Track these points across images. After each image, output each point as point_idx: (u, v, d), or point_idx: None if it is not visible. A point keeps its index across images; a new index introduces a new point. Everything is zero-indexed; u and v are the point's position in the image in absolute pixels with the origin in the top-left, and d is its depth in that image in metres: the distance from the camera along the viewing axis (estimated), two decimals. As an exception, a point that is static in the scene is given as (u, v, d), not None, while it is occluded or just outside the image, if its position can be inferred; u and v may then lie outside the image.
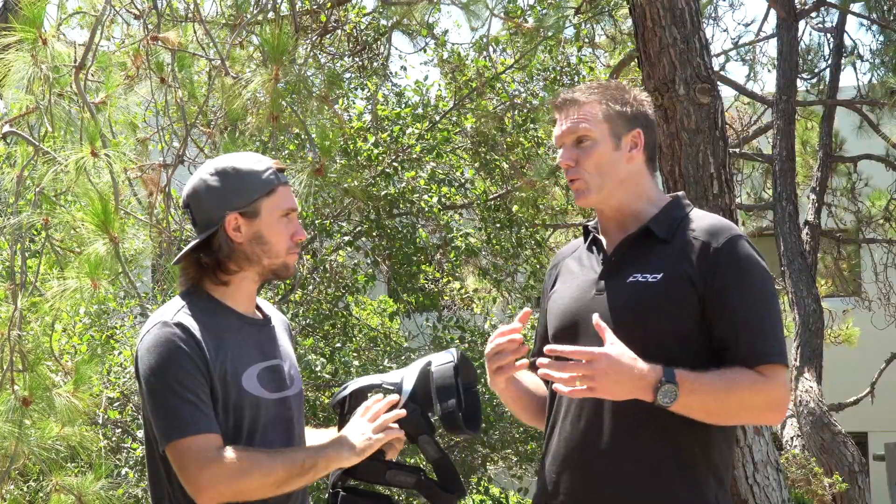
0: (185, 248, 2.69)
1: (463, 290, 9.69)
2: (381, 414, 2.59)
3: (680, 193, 2.83)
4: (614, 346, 2.48)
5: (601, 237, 2.80)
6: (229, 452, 2.48)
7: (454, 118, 8.96)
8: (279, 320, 2.81)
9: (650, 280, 2.63)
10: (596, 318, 2.52)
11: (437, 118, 8.82)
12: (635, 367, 2.47)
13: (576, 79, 9.42)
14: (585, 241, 2.84)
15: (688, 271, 2.61)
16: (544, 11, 8.69)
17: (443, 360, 2.62)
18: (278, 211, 2.65)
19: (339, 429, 2.66)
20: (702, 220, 2.72)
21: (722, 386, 2.51)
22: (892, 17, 11.24)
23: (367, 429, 2.56)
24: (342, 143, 8.37)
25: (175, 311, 2.58)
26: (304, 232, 2.72)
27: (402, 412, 2.57)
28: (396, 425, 2.60)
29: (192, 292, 2.65)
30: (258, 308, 2.76)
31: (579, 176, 2.71)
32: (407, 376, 2.63)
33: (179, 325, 2.54)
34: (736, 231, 2.67)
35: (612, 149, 2.72)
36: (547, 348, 2.52)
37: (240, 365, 2.59)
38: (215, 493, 2.46)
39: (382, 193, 8.44)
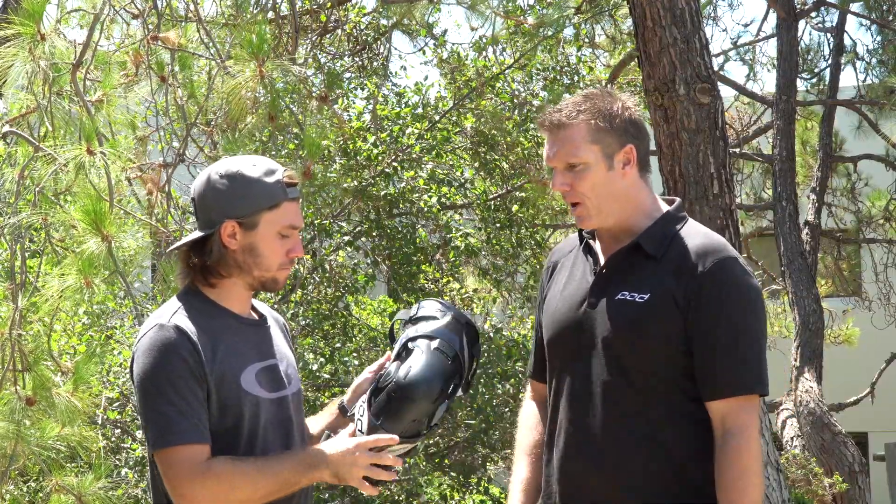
0: (180, 242, 2.69)
1: (463, 290, 9.69)
2: (377, 450, 2.55)
3: (676, 203, 2.77)
4: None
5: (595, 243, 2.77)
6: (218, 465, 2.49)
7: (454, 118, 8.95)
8: (275, 320, 2.80)
9: (637, 300, 2.60)
10: None
11: (437, 118, 8.82)
12: None
13: (576, 79, 9.42)
14: (580, 244, 2.81)
15: (674, 293, 2.58)
16: (544, 11, 8.69)
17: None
18: (277, 227, 2.61)
19: (391, 347, 2.73)
20: (693, 238, 2.66)
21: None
22: (891, 17, 11.24)
23: (360, 461, 2.53)
24: (342, 142, 8.37)
25: (172, 312, 2.57)
26: (301, 249, 2.68)
27: (395, 438, 2.57)
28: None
29: (189, 292, 2.65)
30: (253, 308, 2.75)
31: (579, 200, 2.67)
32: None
33: (176, 327, 2.53)
34: (725, 253, 2.62)
35: (606, 169, 2.65)
36: None
37: (238, 365, 2.58)
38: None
39: (382, 193, 8.44)
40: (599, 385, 2.61)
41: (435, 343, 2.68)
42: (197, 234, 2.63)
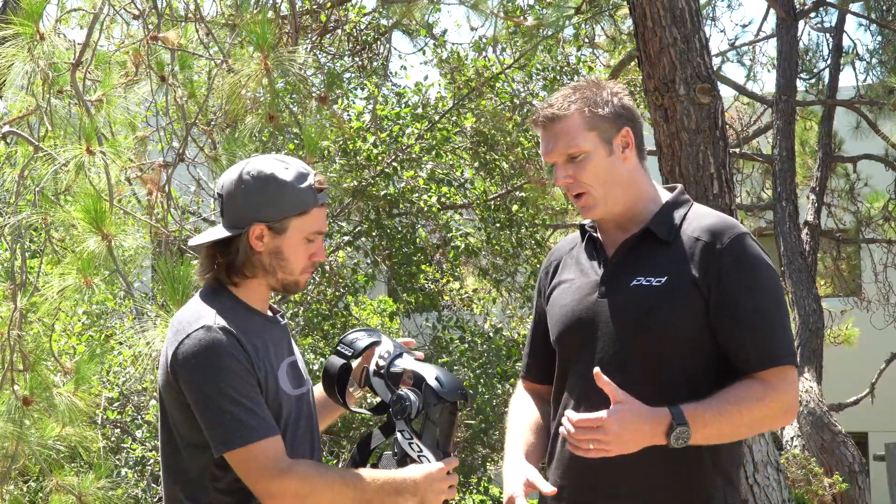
0: (203, 238, 2.66)
1: (463, 290, 9.69)
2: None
3: (678, 188, 2.76)
4: (622, 404, 2.43)
5: (599, 236, 2.75)
6: (301, 466, 2.51)
7: (454, 118, 8.96)
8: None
9: (654, 284, 2.58)
10: (597, 371, 2.46)
11: (437, 118, 8.82)
12: (645, 420, 2.43)
13: (575, 78, 9.41)
14: (582, 240, 2.79)
15: (692, 274, 2.57)
16: (544, 11, 8.69)
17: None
18: (305, 232, 2.62)
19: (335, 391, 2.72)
20: (703, 218, 2.66)
21: (735, 410, 2.48)
22: (890, 17, 11.24)
23: (443, 486, 2.56)
24: (342, 142, 8.38)
25: (213, 314, 2.55)
26: (324, 253, 2.69)
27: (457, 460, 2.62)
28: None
29: (215, 290, 2.63)
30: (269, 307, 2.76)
31: (584, 190, 2.65)
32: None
33: (224, 329, 2.51)
34: (739, 229, 2.62)
35: (606, 155, 2.65)
36: (566, 418, 2.46)
37: (274, 363, 2.60)
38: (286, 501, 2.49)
39: (382, 193, 8.44)
40: (617, 376, 2.55)
41: (411, 356, 2.71)
42: (222, 232, 2.62)
